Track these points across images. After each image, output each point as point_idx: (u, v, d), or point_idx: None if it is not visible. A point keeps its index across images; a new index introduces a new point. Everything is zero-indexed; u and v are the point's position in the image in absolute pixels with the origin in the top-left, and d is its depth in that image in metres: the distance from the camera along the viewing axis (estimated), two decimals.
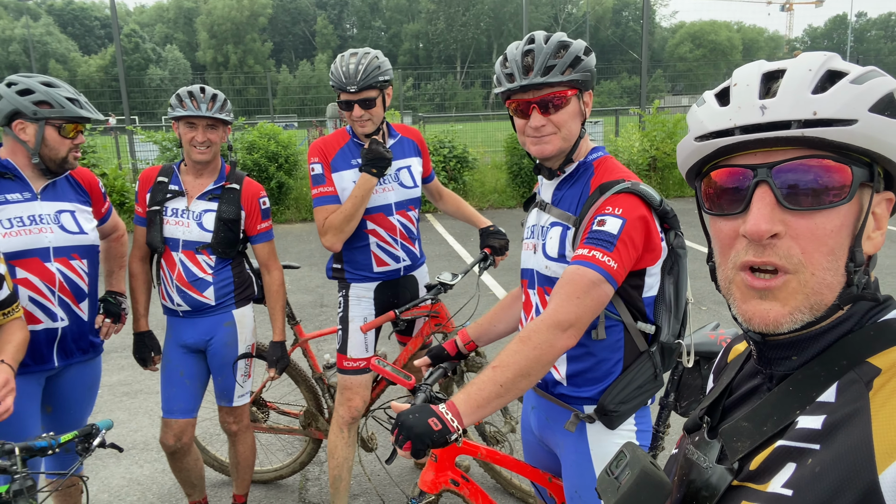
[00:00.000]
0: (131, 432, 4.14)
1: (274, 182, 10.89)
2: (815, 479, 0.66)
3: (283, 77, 64.56)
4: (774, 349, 0.80)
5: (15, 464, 1.66)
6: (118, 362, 5.22)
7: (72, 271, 2.46)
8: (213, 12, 70.39)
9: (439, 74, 67.17)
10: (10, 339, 2.02)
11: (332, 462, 2.96)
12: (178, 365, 2.85)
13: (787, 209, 0.74)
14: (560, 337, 1.56)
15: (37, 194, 2.42)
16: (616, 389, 1.77)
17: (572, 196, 1.80)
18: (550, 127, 1.73)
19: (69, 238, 2.45)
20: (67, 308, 2.45)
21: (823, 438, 0.68)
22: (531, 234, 1.93)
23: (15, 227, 2.32)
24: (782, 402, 0.76)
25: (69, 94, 2.39)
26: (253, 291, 3.00)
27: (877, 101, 0.72)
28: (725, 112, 0.78)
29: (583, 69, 1.70)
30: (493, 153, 14.24)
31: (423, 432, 1.45)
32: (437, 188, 3.24)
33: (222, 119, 2.70)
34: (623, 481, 0.86)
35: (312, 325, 5.84)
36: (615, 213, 1.65)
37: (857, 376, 0.71)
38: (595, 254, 1.60)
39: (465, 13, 72.46)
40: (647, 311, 1.80)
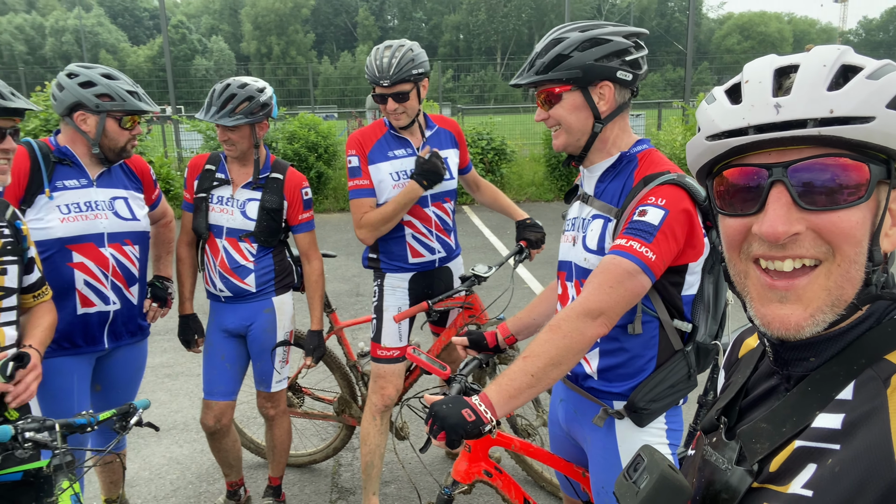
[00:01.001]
0: (172, 413, 4.26)
1: (313, 172, 11.02)
2: (835, 479, 0.65)
3: (324, 68, 65.14)
4: (792, 350, 0.79)
5: (55, 440, 1.72)
6: (161, 345, 5.38)
7: (124, 256, 2.54)
8: (257, 3, 71.43)
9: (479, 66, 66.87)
10: (39, 322, 2.08)
11: (364, 449, 3.00)
12: (219, 349, 2.93)
13: (804, 209, 0.72)
14: (590, 325, 1.55)
15: (93, 181, 2.49)
16: (647, 387, 1.75)
17: (615, 188, 1.78)
18: (552, 121, 1.78)
19: (122, 224, 2.53)
20: (119, 292, 2.53)
21: (843, 438, 0.67)
22: (571, 226, 1.91)
23: (72, 212, 2.40)
24: (801, 402, 0.75)
25: (129, 87, 2.45)
26: (293, 280, 3.06)
27: (894, 97, 0.70)
28: (738, 111, 0.76)
29: (568, 67, 1.69)
30: (532, 146, 14.14)
31: (456, 423, 1.46)
32: (474, 179, 3.24)
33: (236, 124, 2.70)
34: (641, 486, 0.85)
35: (348, 313, 5.92)
36: (657, 204, 1.62)
37: (875, 373, 0.70)
38: (633, 244, 1.58)
39: (506, 4, 71.93)
40: (684, 309, 1.77)
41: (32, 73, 32.92)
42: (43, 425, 1.72)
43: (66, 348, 2.43)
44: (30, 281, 2.06)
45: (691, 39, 13.90)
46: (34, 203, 2.34)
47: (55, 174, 2.41)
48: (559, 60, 1.70)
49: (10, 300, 1.92)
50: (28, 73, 21.43)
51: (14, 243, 1.95)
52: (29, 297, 2.08)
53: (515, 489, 2.03)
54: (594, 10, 72.17)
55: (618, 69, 1.70)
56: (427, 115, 2.95)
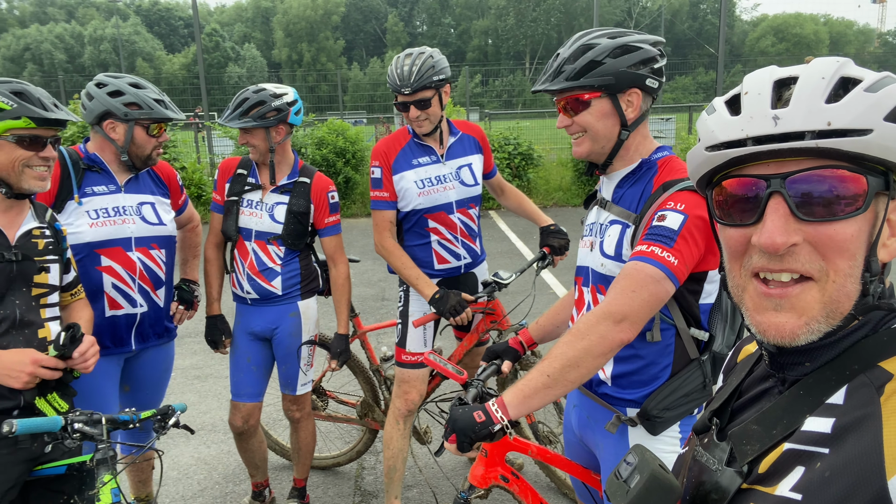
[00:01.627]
0: (201, 414, 4.35)
1: (341, 177, 11.14)
2: (824, 483, 0.66)
3: (353, 74, 65.79)
4: (787, 355, 0.79)
5: (101, 433, 1.80)
6: (191, 347, 5.48)
7: (151, 260, 2.61)
8: (288, 11, 72.49)
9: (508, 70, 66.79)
10: (80, 315, 2.19)
11: (387, 452, 3.02)
12: (245, 351, 2.99)
13: (802, 220, 0.72)
14: (612, 328, 1.53)
15: (121, 187, 2.57)
16: (661, 395, 1.73)
17: (634, 194, 1.77)
18: (576, 127, 1.76)
19: (149, 229, 2.61)
20: (146, 295, 2.60)
21: (833, 442, 0.68)
22: (589, 231, 1.91)
23: (101, 217, 2.48)
24: (792, 405, 0.75)
25: (155, 96, 2.53)
26: (318, 284, 3.10)
27: (892, 109, 0.70)
28: (737, 122, 0.76)
29: (601, 73, 1.67)
30: (559, 150, 14.07)
31: (466, 425, 1.47)
32: (499, 183, 3.25)
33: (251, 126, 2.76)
34: (632, 485, 0.86)
35: (373, 318, 5.96)
36: (676, 209, 1.61)
37: (868, 380, 0.70)
38: (654, 249, 1.57)
39: (535, 8, 71.75)
40: (702, 318, 1.75)
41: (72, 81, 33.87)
42: (91, 418, 1.80)
43: None
44: (67, 280, 2.16)
45: (723, 42, 13.71)
46: (64, 209, 2.42)
47: (84, 181, 2.50)
48: (592, 66, 1.68)
49: (53, 297, 2.02)
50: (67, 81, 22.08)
51: (55, 243, 2.06)
52: (67, 296, 2.18)
53: (533, 495, 2.03)
54: (624, 14, 71.62)
55: (647, 77, 1.71)
56: (450, 120, 2.98)
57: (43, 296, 1.98)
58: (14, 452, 1.86)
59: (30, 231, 1.98)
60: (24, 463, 1.89)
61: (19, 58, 64.39)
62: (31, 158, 1.89)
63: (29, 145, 1.88)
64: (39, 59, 64.05)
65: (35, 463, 1.94)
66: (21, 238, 1.95)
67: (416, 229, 2.89)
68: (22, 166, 1.89)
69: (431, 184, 2.83)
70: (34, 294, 1.96)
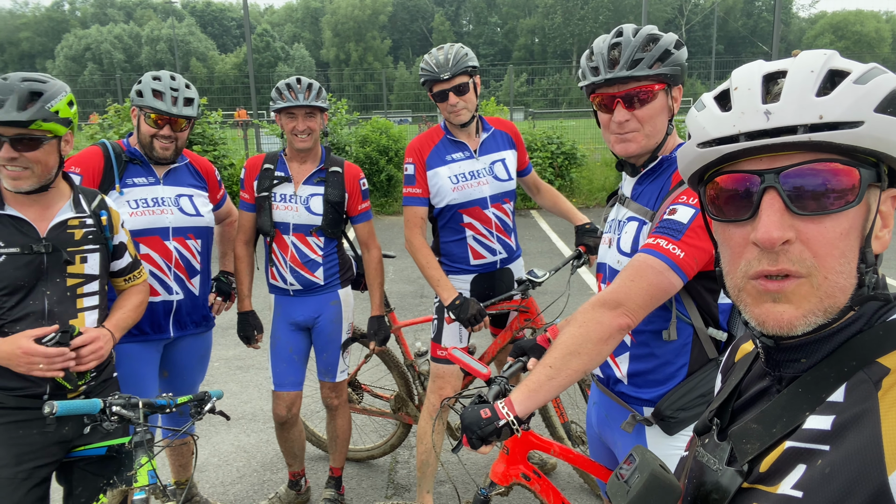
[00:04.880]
0: (242, 403, 4.46)
1: (384, 175, 11.25)
2: (824, 480, 0.65)
3: (399, 73, 66.28)
4: (783, 352, 0.78)
5: (139, 417, 1.87)
6: (234, 338, 5.58)
7: (187, 250, 2.70)
8: (337, 11, 73.52)
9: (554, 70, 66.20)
10: (124, 304, 2.24)
11: (420, 447, 3.05)
12: (287, 342, 3.06)
13: (797, 214, 0.72)
14: (606, 314, 1.51)
15: (159, 179, 2.67)
16: (676, 395, 1.71)
17: (652, 191, 1.74)
18: (634, 123, 1.67)
19: (186, 220, 2.69)
20: (182, 283, 2.69)
21: (833, 439, 0.67)
22: (609, 228, 1.89)
23: (140, 207, 2.58)
24: (792, 403, 0.74)
25: (157, 87, 2.55)
26: (353, 273, 3.17)
27: (881, 101, 0.70)
28: (728, 118, 0.76)
29: (672, 63, 1.63)
30: (604, 150, 13.89)
31: (472, 422, 1.47)
32: (534, 181, 3.23)
33: (319, 106, 2.84)
34: (633, 485, 0.86)
35: (412, 314, 6.00)
36: (688, 203, 1.58)
37: (867, 376, 0.69)
38: (660, 241, 1.54)
39: (583, 6, 70.95)
40: (720, 317, 1.72)
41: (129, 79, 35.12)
42: (128, 402, 1.87)
43: (134, 335, 2.59)
44: (119, 266, 2.22)
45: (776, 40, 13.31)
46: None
47: (126, 172, 2.60)
48: (668, 55, 1.63)
49: (91, 286, 2.06)
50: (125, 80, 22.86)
51: (96, 232, 2.10)
52: (120, 281, 2.26)
53: (555, 494, 2.02)
54: (675, 11, 70.14)
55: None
56: (483, 117, 2.99)
57: (79, 286, 2.02)
58: (43, 434, 1.93)
59: (65, 221, 2.02)
60: (56, 445, 1.97)
61: (80, 57, 67.09)
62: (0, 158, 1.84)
63: None
64: (99, 59, 66.59)
65: (70, 445, 2.02)
66: (54, 229, 1.98)
67: (451, 225, 2.91)
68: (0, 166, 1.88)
69: (465, 179, 2.85)
70: (69, 284, 2.00)
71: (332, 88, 37.60)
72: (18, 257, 1.90)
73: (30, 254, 1.91)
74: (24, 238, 1.92)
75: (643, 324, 1.67)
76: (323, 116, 2.93)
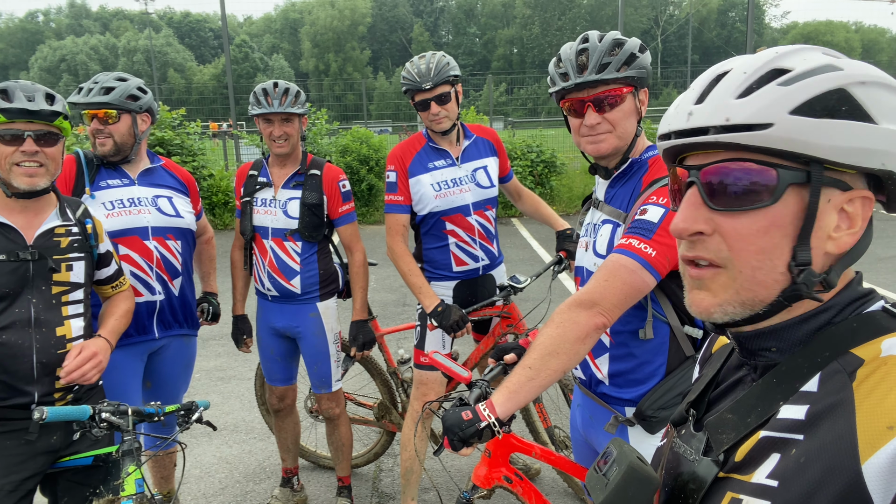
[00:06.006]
0: (223, 414, 4.42)
1: (364, 185, 11.25)
2: (799, 469, 0.66)
3: (379, 83, 66.34)
4: (753, 339, 0.80)
5: (128, 424, 1.86)
6: (215, 349, 5.58)
7: (167, 250, 2.70)
8: (316, 22, 73.45)
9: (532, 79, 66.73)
10: (114, 310, 2.25)
11: (404, 454, 3.05)
12: (268, 344, 3.12)
13: (712, 209, 0.75)
14: (582, 313, 1.54)
15: (134, 180, 2.67)
16: (656, 395, 1.74)
17: (624, 193, 1.78)
18: (605, 125, 1.72)
19: (166, 220, 2.69)
20: (163, 283, 2.69)
21: (807, 428, 0.68)
22: (585, 231, 1.93)
23: (116, 208, 2.58)
24: (766, 393, 0.76)
25: (85, 85, 2.57)
26: (338, 286, 3.15)
27: (802, 103, 0.71)
28: (669, 115, 0.81)
29: (638, 66, 1.69)
30: (583, 158, 14.00)
31: (453, 423, 1.48)
32: (515, 188, 3.27)
33: (296, 112, 2.85)
34: (610, 477, 0.87)
35: (394, 322, 5.99)
36: (658, 203, 1.63)
37: (840, 367, 0.70)
38: (632, 241, 1.59)
39: (560, 17, 71.67)
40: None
41: None
42: (118, 409, 1.86)
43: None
44: (106, 274, 2.23)
45: (750, 50, 13.56)
46: None
47: (99, 175, 2.61)
48: (633, 59, 1.68)
49: (76, 294, 2.06)
50: None
51: (82, 240, 2.10)
52: (107, 289, 2.27)
53: (537, 496, 2.04)
54: (651, 22, 71.17)
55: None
56: (464, 124, 3.01)
57: (64, 293, 2.02)
58: (29, 444, 1.91)
59: (52, 230, 2.02)
60: (42, 455, 1.95)
61: (55, 69, 66.24)
62: (14, 155, 1.89)
63: (9, 141, 1.89)
64: (75, 70, 65.77)
65: (56, 455, 2.00)
66: (41, 237, 1.98)
67: (434, 232, 2.92)
68: (10, 164, 1.89)
69: (447, 186, 2.87)
70: (55, 292, 1.99)
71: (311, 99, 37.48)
72: (4, 264, 1.90)
73: (16, 261, 1.91)
74: (11, 245, 1.92)
75: (621, 324, 1.71)
76: (301, 121, 2.94)
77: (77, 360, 1.94)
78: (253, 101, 2.88)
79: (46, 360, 1.93)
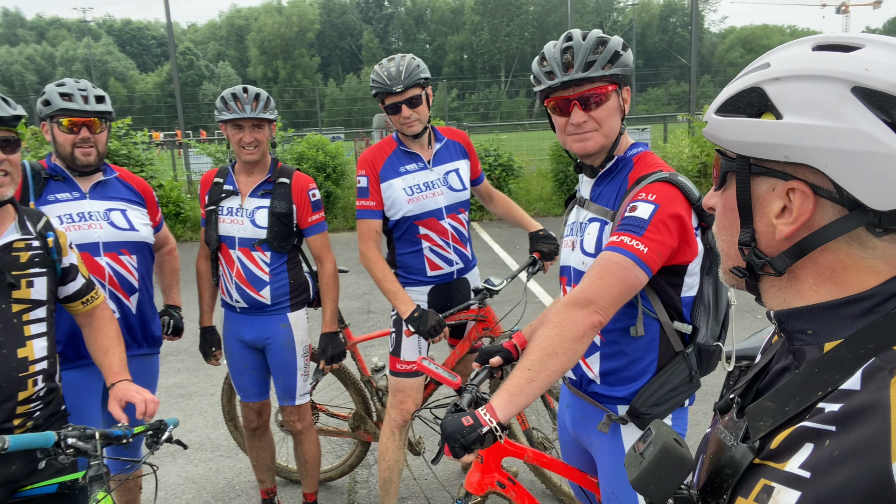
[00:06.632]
0: (187, 433, 4.25)
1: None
2: (832, 463, 0.66)
3: (330, 90, 65.79)
4: (789, 319, 0.82)
5: (95, 448, 1.74)
6: (174, 365, 5.38)
7: (121, 266, 2.56)
8: (263, 29, 72.41)
9: (484, 85, 67.33)
10: (107, 343, 2.11)
11: (382, 464, 2.98)
12: (240, 357, 2.99)
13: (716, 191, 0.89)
14: (578, 312, 1.53)
15: (85, 193, 2.54)
16: (649, 391, 1.74)
17: (611, 191, 1.79)
18: (591, 123, 1.72)
19: (119, 234, 2.56)
20: (118, 301, 2.55)
21: (843, 422, 0.68)
22: (570, 231, 1.92)
23: (64, 223, 2.44)
24: (806, 383, 0.75)
25: (64, 90, 2.45)
26: (308, 296, 3.06)
27: (726, 101, 0.82)
28: None
29: (622, 64, 1.70)
30: (539, 161, 14.18)
31: (454, 430, 1.45)
32: (487, 190, 3.25)
33: (267, 118, 2.77)
34: (646, 457, 0.91)
35: (360, 330, 5.90)
36: (648, 199, 1.63)
37: (881, 363, 0.69)
38: (624, 238, 1.59)
39: (509, 23, 72.53)
40: (684, 311, 1.77)
41: None
42: (83, 433, 1.75)
43: (71, 359, 2.43)
44: (73, 289, 2.08)
45: (695, 53, 13.97)
46: None
47: (47, 189, 2.48)
48: (617, 57, 1.69)
49: (38, 312, 1.91)
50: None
51: (43, 255, 1.95)
52: (77, 304, 2.11)
53: (529, 500, 2.01)
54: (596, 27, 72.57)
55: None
56: (435, 127, 2.98)
57: (25, 312, 1.88)
58: None
59: (10, 244, 1.88)
60: (1, 486, 1.80)
61: None
62: None
63: None
64: (10, 81, 63.17)
65: (15, 485, 1.86)
66: None
67: (407, 237, 2.87)
68: None
69: (420, 190, 2.83)
70: (15, 311, 1.85)
71: None
72: None
73: None
74: None
75: (611, 322, 1.70)
76: (271, 127, 2.85)
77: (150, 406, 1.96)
78: (221, 107, 2.77)
79: (6, 384, 1.79)
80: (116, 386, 2.02)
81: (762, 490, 0.73)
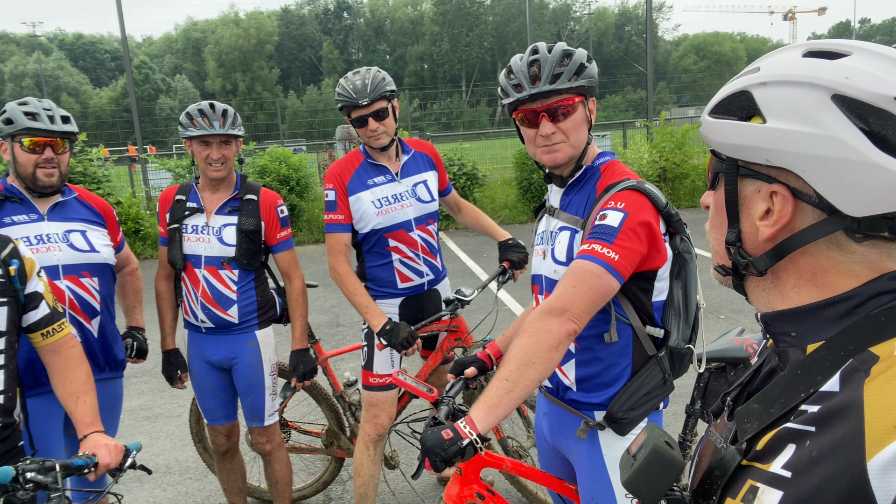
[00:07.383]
0: (153, 456, 4.14)
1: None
2: (812, 463, 0.67)
3: (290, 102, 65.23)
4: (775, 322, 0.84)
5: (56, 481, 1.67)
6: (138, 387, 5.24)
7: (81, 288, 2.49)
8: (220, 41, 71.46)
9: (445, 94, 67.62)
10: (78, 389, 1.98)
11: (358, 480, 2.94)
12: (206, 380, 2.91)
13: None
14: (553, 321, 1.55)
15: (43, 215, 2.47)
16: (624, 396, 1.77)
17: (580, 200, 1.81)
18: (560, 135, 1.75)
19: (79, 256, 2.49)
20: (79, 325, 2.48)
21: (821, 423, 0.69)
22: (541, 240, 1.94)
23: (23, 246, 2.34)
24: (790, 384, 0.77)
25: (30, 109, 2.40)
26: (276, 313, 3.01)
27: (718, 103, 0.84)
28: None
29: (587, 76, 1.73)
30: (502, 170, 14.28)
31: (434, 443, 1.45)
32: (455, 200, 3.25)
33: (235, 134, 2.73)
34: (638, 458, 0.92)
35: (329, 344, 5.84)
36: (617, 207, 1.66)
37: (858, 365, 0.71)
38: (595, 246, 1.61)
39: (468, 33, 73.11)
40: (655, 315, 1.80)
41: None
42: (43, 466, 1.67)
43: (30, 387, 2.34)
44: (34, 318, 1.94)
45: (650, 60, 14.26)
46: None
47: (3, 211, 2.41)
48: (583, 69, 1.72)
49: None
50: None
51: (4, 283, 1.85)
52: (37, 336, 1.96)
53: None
54: (554, 37, 73.76)
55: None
56: (402, 139, 2.98)
57: None
58: None
59: None
60: None
61: None
62: None
63: None
64: None
65: None
66: None
67: (377, 249, 2.86)
68: None
69: (388, 202, 2.82)
70: None
71: None
72: None
73: None
74: None
75: (585, 329, 1.72)
76: (238, 143, 2.81)
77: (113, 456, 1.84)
78: (186, 122, 2.71)
79: None
80: (89, 437, 1.89)
81: (749, 490, 0.75)
